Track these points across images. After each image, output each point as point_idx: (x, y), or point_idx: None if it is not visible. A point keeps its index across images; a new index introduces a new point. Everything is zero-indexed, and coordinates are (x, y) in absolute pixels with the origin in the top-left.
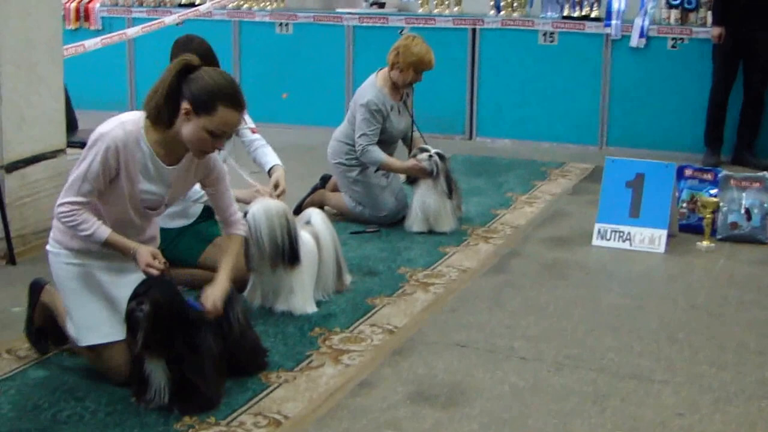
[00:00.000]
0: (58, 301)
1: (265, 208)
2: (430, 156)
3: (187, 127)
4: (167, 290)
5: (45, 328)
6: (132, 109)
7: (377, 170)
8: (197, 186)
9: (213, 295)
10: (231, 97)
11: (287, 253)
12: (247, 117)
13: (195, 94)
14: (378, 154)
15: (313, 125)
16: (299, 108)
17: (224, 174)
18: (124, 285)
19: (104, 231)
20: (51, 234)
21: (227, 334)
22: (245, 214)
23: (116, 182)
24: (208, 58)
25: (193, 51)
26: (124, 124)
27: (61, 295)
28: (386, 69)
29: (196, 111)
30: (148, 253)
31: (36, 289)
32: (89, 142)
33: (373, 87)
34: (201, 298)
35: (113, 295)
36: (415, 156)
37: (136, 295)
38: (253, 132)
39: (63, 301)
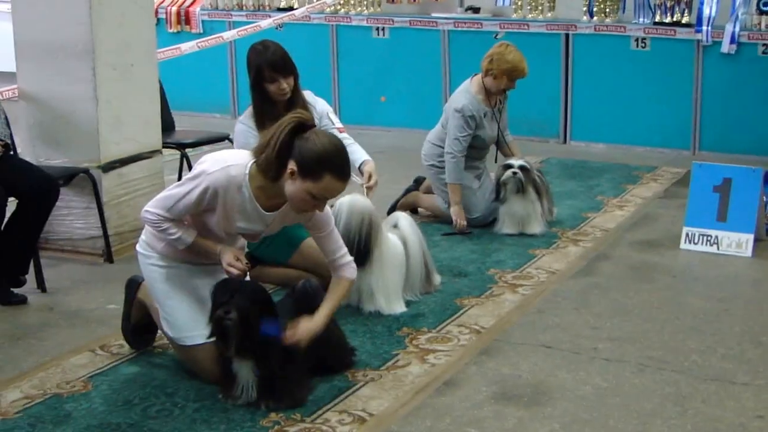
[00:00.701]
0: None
1: (350, 203)
2: (515, 173)
3: (291, 186)
4: (251, 294)
5: (141, 325)
6: (233, 112)
7: (445, 183)
8: None
9: (302, 331)
10: (338, 167)
11: (355, 252)
12: (333, 116)
13: (303, 157)
14: (459, 171)
15: (409, 128)
16: (395, 111)
17: (326, 218)
18: None
19: (191, 234)
20: (141, 236)
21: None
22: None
23: (211, 215)
24: (284, 64)
25: (270, 57)
26: (228, 169)
27: (152, 296)
28: (480, 75)
29: (302, 174)
30: (231, 254)
31: (132, 286)
32: (192, 172)
33: (467, 93)
34: (289, 327)
35: (203, 295)
36: (499, 177)
37: (221, 303)
38: (341, 132)
39: (154, 302)
